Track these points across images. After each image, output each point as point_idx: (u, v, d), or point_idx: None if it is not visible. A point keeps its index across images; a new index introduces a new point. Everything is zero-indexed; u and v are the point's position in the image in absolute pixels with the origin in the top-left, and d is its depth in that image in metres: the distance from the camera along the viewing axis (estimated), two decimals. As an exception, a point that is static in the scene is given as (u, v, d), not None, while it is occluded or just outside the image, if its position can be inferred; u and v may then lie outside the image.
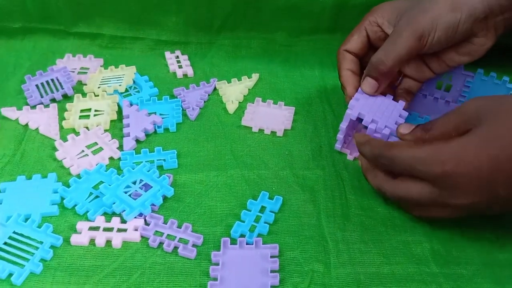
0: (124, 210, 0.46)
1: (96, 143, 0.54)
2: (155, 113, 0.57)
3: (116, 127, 0.56)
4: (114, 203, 0.47)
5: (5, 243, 0.44)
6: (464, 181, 0.40)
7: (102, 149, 0.53)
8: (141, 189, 0.48)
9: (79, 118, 0.56)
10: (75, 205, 0.47)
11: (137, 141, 0.54)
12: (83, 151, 0.53)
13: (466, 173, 0.39)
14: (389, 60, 0.49)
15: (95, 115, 0.57)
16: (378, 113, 0.49)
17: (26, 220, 0.46)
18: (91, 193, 0.49)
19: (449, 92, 0.57)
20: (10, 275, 0.42)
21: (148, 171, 0.50)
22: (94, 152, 0.53)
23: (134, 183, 0.49)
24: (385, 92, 0.51)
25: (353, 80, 0.53)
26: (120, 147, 0.54)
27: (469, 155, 0.39)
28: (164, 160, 0.52)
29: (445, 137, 0.42)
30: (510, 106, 0.40)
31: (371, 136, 0.48)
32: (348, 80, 0.53)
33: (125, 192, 0.48)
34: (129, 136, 0.54)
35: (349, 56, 0.54)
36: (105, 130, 0.55)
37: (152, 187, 0.48)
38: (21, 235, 0.45)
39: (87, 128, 0.55)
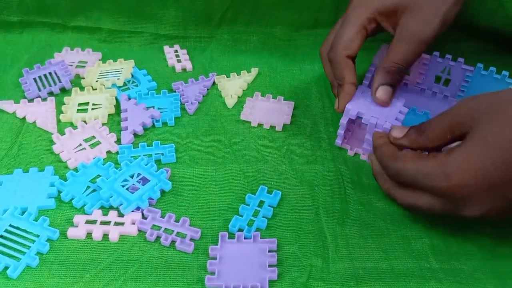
0: (122, 204, 0.46)
1: (93, 137, 0.53)
2: (153, 107, 0.56)
3: (114, 121, 0.56)
4: (111, 196, 0.46)
5: (1, 236, 0.44)
6: (474, 191, 0.39)
7: (100, 142, 0.53)
8: (139, 182, 0.48)
9: (77, 112, 0.56)
10: (72, 199, 0.47)
11: (135, 135, 0.54)
12: (80, 144, 0.52)
13: (474, 183, 0.38)
14: (406, 62, 0.48)
15: (93, 108, 0.56)
16: (378, 110, 0.49)
17: (23, 213, 0.46)
18: (88, 187, 0.48)
19: (448, 86, 0.57)
20: (6, 268, 0.42)
21: (146, 165, 0.49)
22: (92, 146, 0.52)
23: (132, 176, 0.48)
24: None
25: (353, 95, 0.50)
26: (118, 141, 0.53)
27: (474, 164, 0.38)
28: (162, 154, 0.52)
29: (440, 140, 0.42)
30: (502, 102, 0.39)
31: (373, 131, 0.47)
32: (351, 94, 0.49)
33: (123, 186, 0.47)
34: (127, 130, 0.54)
35: (351, 64, 0.50)
36: (103, 124, 0.55)
37: (149, 181, 0.48)
38: (18, 228, 0.44)
39: (84, 121, 0.55)
